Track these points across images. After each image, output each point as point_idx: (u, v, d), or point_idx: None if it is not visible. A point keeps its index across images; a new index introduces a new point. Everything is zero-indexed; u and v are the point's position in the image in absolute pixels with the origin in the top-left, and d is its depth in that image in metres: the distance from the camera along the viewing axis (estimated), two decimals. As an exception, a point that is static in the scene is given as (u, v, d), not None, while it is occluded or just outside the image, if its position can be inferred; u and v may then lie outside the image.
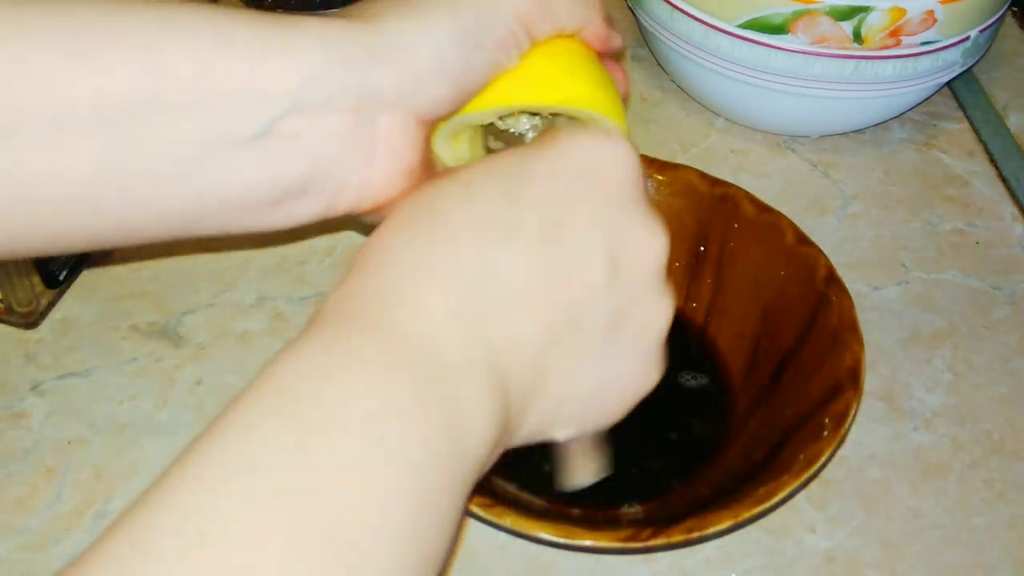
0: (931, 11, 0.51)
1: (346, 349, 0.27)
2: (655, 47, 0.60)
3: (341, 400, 0.25)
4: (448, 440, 0.26)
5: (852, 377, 0.40)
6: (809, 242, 0.45)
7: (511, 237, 0.30)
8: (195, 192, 0.32)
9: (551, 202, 0.30)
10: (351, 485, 0.24)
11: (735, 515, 0.36)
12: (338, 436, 0.25)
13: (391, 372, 0.26)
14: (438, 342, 0.27)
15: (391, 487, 0.25)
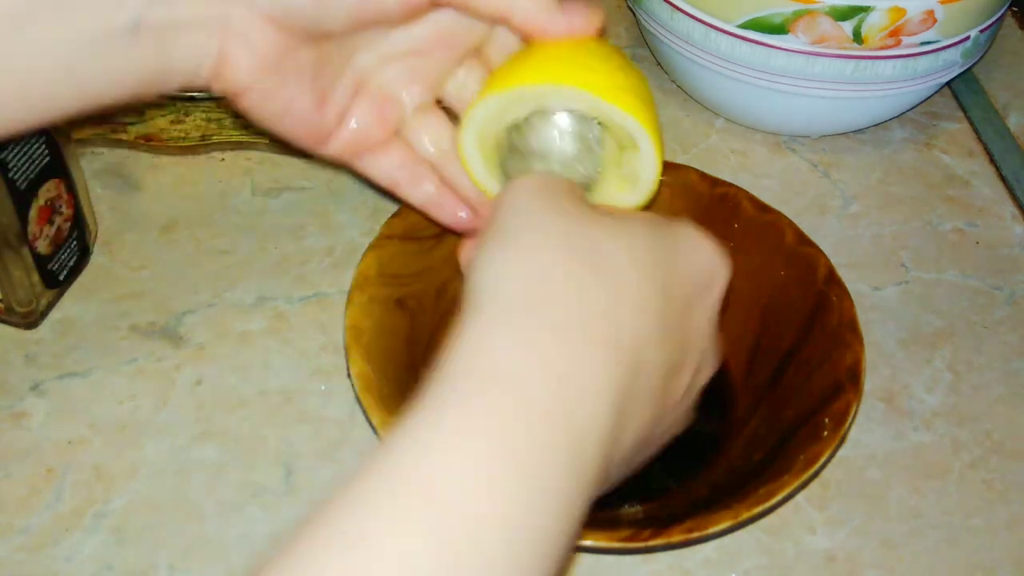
0: (931, 11, 0.51)
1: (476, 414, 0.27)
2: (655, 47, 0.60)
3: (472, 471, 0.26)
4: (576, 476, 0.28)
5: (852, 377, 0.40)
6: (809, 242, 0.45)
7: (660, 335, 0.32)
8: (81, 84, 0.35)
9: (683, 300, 0.33)
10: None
11: (735, 515, 0.36)
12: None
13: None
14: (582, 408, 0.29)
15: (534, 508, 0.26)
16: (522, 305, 0.30)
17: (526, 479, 0.27)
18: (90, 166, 0.54)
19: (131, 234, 0.51)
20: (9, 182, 0.43)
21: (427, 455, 0.26)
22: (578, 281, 0.31)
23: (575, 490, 0.28)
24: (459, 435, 0.27)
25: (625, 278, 0.32)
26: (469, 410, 0.27)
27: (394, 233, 0.45)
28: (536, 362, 0.28)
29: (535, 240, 0.32)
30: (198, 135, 0.55)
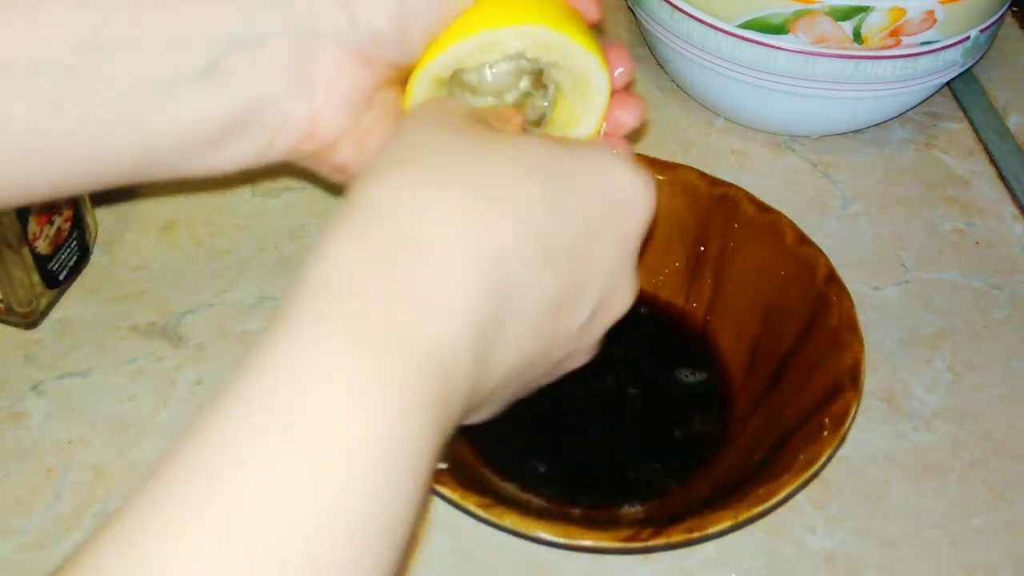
0: (931, 11, 0.51)
1: (343, 337, 0.26)
2: (655, 47, 0.60)
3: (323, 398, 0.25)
4: (440, 405, 0.27)
5: (852, 377, 0.40)
6: (809, 242, 0.45)
7: (544, 257, 0.30)
8: (143, 131, 0.33)
9: (584, 223, 0.31)
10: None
11: (735, 515, 0.36)
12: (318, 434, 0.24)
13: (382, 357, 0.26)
14: (446, 327, 0.27)
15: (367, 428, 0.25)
16: (386, 217, 0.28)
17: (385, 393, 0.25)
18: (90, 166, 0.54)
19: (131, 234, 0.51)
20: (9, 182, 0.43)
21: (286, 374, 0.25)
22: (447, 194, 0.29)
23: (436, 411, 0.26)
24: (312, 353, 0.25)
25: (504, 195, 0.30)
26: (318, 325, 0.26)
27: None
28: (383, 273, 0.27)
29: (415, 155, 0.30)
30: (198, 135, 0.55)
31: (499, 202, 0.29)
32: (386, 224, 0.28)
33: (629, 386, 0.45)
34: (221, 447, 0.24)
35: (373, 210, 0.28)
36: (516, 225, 0.29)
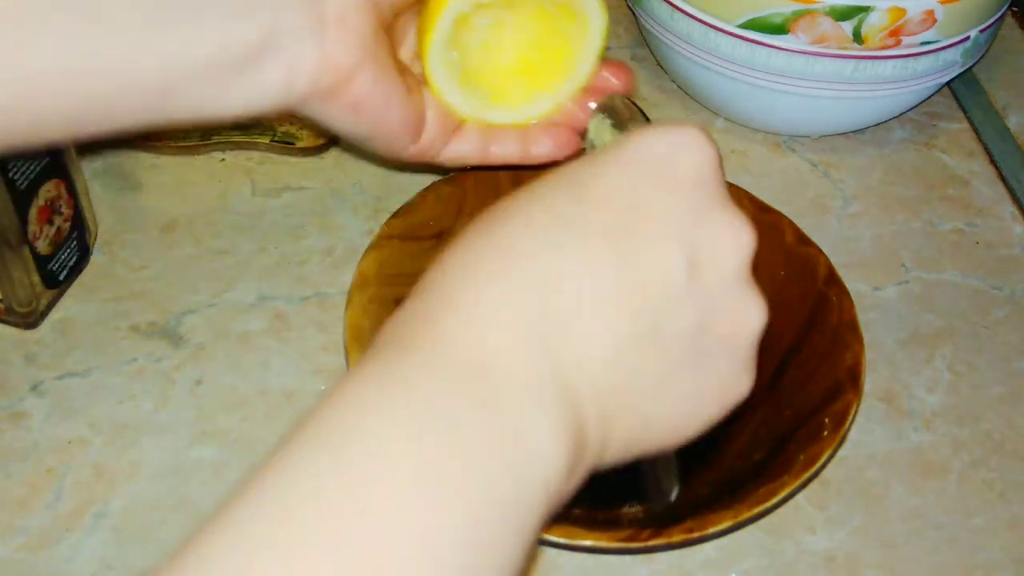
0: (931, 11, 0.51)
1: (398, 378, 0.25)
2: (655, 47, 0.60)
3: (387, 437, 0.24)
4: (510, 472, 0.25)
5: (852, 377, 0.40)
6: (809, 242, 0.45)
7: (577, 239, 0.28)
8: (165, 57, 0.34)
9: (620, 200, 0.29)
10: (395, 532, 0.23)
11: (735, 515, 0.36)
12: (384, 481, 0.23)
13: (444, 402, 0.25)
14: (499, 361, 0.26)
15: (442, 530, 0.23)
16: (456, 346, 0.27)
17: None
18: (90, 166, 0.54)
19: (131, 234, 0.51)
20: (9, 182, 0.43)
21: (333, 473, 0.23)
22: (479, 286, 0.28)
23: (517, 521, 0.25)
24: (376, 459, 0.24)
25: (513, 227, 0.28)
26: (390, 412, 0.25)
27: (394, 233, 0.45)
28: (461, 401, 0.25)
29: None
30: (198, 135, 0.55)
31: (514, 221, 0.29)
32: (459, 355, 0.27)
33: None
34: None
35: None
36: (532, 229, 0.28)
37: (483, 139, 0.45)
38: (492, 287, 0.27)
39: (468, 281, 0.27)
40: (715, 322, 0.30)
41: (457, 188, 0.47)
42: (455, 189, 0.47)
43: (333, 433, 0.24)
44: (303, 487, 0.23)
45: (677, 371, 0.29)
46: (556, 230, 0.28)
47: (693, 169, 0.30)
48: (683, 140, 0.30)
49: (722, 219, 0.30)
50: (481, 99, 0.44)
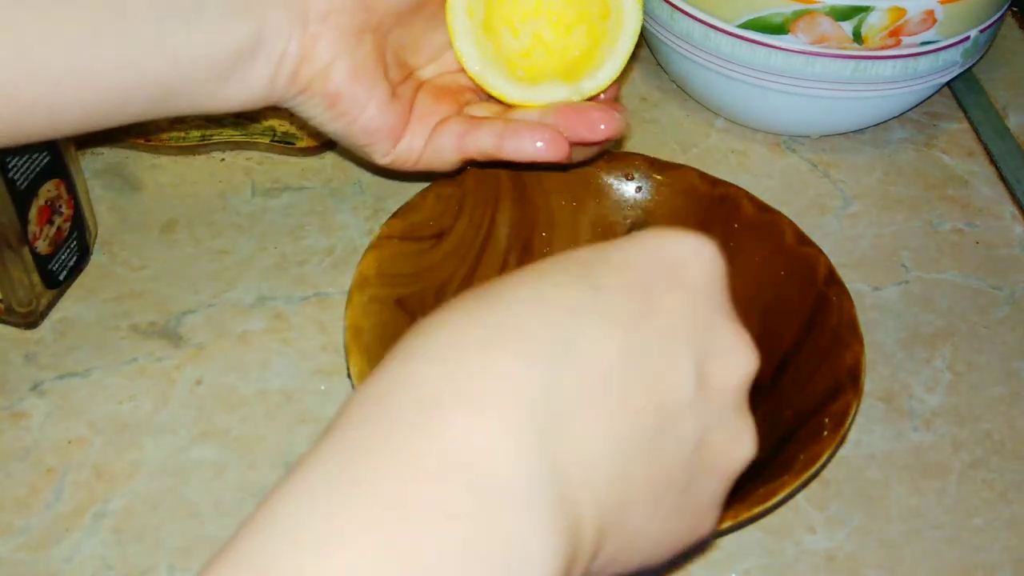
0: (931, 11, 0.51)
1: (360, 473, 0.22)
2: (655, 47, 0.60)
3: (344, 551, 0.21)
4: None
5: (852, 377, 0.40)
6: (809, 242, 0.45)
7: (590, 320, 0.25)
8: (170, 58, 0.36)
9: (636, 295, 0.26)
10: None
11: (735, 515, 0.36)
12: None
13: (415, 510, 0.21)
14: (490, 458, 0.22)
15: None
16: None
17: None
18: (90, 166, 0.54)
19: (131, 234, 0.51)
20: (9, 182, 0.43)
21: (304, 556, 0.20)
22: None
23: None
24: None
25: (521, 301, 0.25)
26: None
27: (394, 233, 0.45)
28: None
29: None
30: (198, 135, 0.55)
31: (521, 294, 0.26)
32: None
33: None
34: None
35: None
36: (542, 305, 0.25)
37: (461, 131, 0.44)
38: (490, 366, 0.24)
39: (463, 356, 0.24)
40: (711, 441, 0.27)
41: (457, 188, 0.47)
42: (455, 189, 0.47)
43: (278, 541, 0.21)
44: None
45: (670, 488, 0.27)
46: (569, 311, 0.25)
47: (705, 277, 0.28)
48: (696, 247, 0.28)
49: (731, 333, 0.28)
50: (494, 62, 0.44)
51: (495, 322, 0.25)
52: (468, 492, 0.22)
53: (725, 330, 0.28)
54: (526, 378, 0.23)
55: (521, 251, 0.48)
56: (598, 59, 0.44)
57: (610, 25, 0.44)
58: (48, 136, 0.38)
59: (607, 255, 0.27)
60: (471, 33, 0.43)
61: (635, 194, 0.48)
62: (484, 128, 0.44)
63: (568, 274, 0.26)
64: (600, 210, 0.49)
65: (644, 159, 0.48)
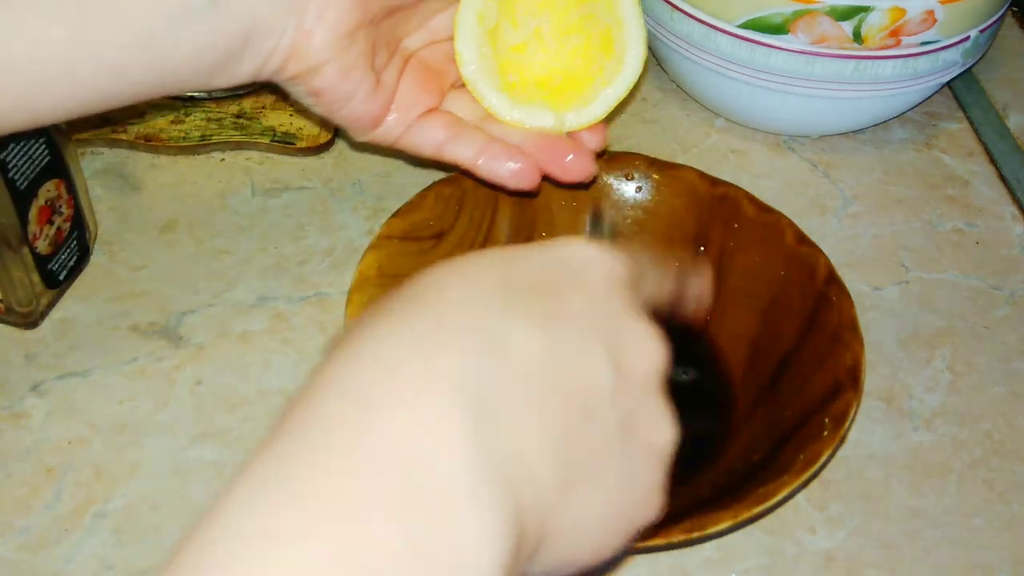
0: (931, 11, 0.51)
1: (298, 474, 0.22)
2: (655, 47, 0.60)
3: (283, 552, 0.20)
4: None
5: (852, 377, 0.40)
6: (809, 242, 0.45)
7: (515, 316, 0.26)
8: (158, 58, 0.36)
9: (548, 294, 0.28)
10: None
11: (735, 515, 0.36)
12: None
13: (355, 505, 0.21)
14: (427, 450, 0.22)
15: None
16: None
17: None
18: (90, 166, 0.54)
19: (131, 234, 0.51)
20: (9, 182, 0.43)
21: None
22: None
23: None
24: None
25: (447, 298, 0.26)
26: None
27: (394, 233, 0.45)
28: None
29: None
30: (198, 135, 0.55)
31: (448, 293, 0.27)
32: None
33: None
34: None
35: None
36: (468, 302, 0.26)
37: (444, 135, 0.44)
38: (420, 362, 0.24)
39: (395, 354, 0.24)
40: (636, 426, 0.28)
41: (457, 188, 0.47)
42: (455, 189, 0.47)
43: (219, 546, 0.21)
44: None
45: (606, 472, 0.27)
46: (496, 311, 0.26)
47: (604, 281, 0.30)
48: (595, 255, 0.30)
49: (637, 329, 0.29)
50: (488, 70, 0.44)
51: (428, 322, 0.25)
52: (407, 487, 0.22)
53: (631, 326, 0.29)
54: (461, 374, 0.24)
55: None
56: (589, 95, 0.44)
57: (610, 65, 0.44)
58: (41, 123, 0.38)
59: (521, 256, 0.29)
60: (475, 37, 0.43)
61: (635, 194, 0.48)
62: (465, 138, 0.44)
63: (489, 278, 0.27)
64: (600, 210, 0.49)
65: (644, 159, 0.48)
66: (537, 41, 0.44)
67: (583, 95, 0.44)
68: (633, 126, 0.59)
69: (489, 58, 0.44)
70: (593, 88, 0.44)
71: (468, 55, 0.43)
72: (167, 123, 0.55)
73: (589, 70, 0.44)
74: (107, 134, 0.55)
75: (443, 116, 0.45)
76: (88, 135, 0.55)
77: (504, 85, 0.44)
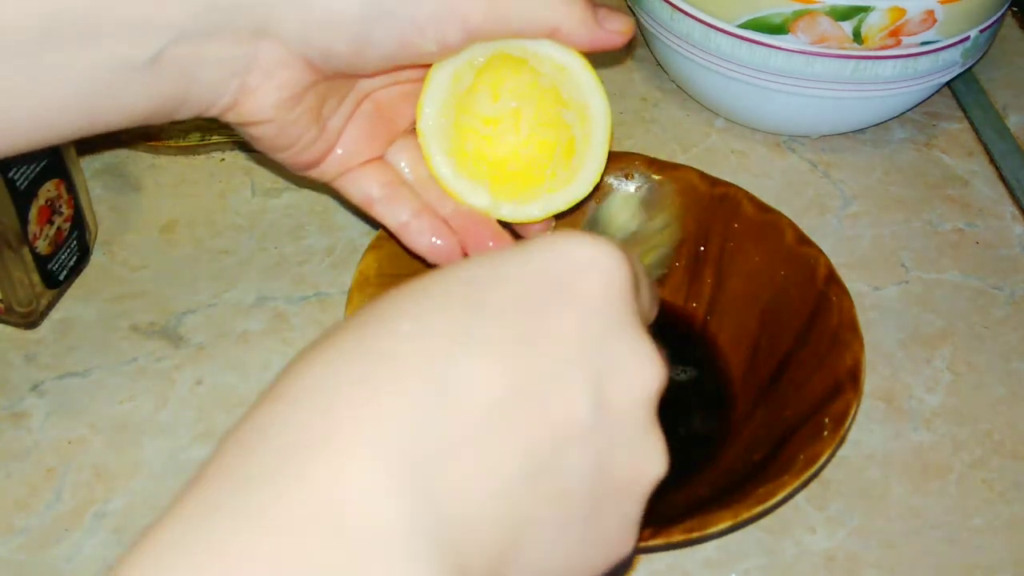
0: (931, 11, 0.51)
1: (219, 531, 0.21)
2: (655, 47, 0.60)
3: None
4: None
5: (852, 377, 0.40)
6: (809, 242, 0.45)
7: (472, 350, 0.24)
8: (92, 112, 0.34)
9: (523, 312, 0.25)
10: None
11: (735, 515, 0.36)
12: None
13: (276, 566, 0.20)
14: (361, 505, 0.21)
15: None
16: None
17: None
18: (90, 166, 0.54)
19: (131, 234, 0.51)
20: (9, 182, 0.43)
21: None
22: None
23: None
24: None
25: (397, 333, 0.24)
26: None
27: (394, 233, 0.45)
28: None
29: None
30: (198, 135, 0.55)
31: (399, 325, 0.24)
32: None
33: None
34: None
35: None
36: (419, 336, 0.24)
37: (378, 193, 0.42)
38: (360, 408, 0.22)
39: (334, 397, 0.22)
40: (614, 465, 0.26)
41: (457, 188, 0.47)
42: (455, 189, 0.47)
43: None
44: None
45: (572, 519, 0.25)
46: (450, 341, 0.24)
47: (602, 288, 0.26)
48: (593, 255, 0.26)
49: (633, 348, 0.26)
50: (446, 137, 0.42)
51: (369, 359, 0.23)
52: (337, 542, 0.20)
53: (625, 345, 0.26)
54: (398, 420, 0.22)
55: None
56: (533, 194, 0.42)
57: (564, 174, 0.42)
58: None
59: (496, 267, 0.26)
60: (444, 95, 0.41)
61: (635, 194, 0.48)
62: (397, 202, 0.42)
63: (452, 295, 0.25)
64: (600, 210, 0.49)
65: (644, 159, 0.48)
66: (513, 122, 0.42)
67: (527, 191, 0.43)
68: (633, 126, 0.59)
69: (450, 120, 0.41)
70: (539, 189, 0.42)
71: (429, 111, 0.41)
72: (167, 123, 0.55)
73: (544, 170, 0.43)
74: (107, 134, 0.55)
75: (382, 172, 0.43)
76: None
77: (454, 151, 0.42)
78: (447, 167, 0.42)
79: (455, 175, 0.42)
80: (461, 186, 0.42)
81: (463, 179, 0.42)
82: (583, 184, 0.42)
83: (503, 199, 0.43)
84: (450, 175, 0.42)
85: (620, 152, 0.49)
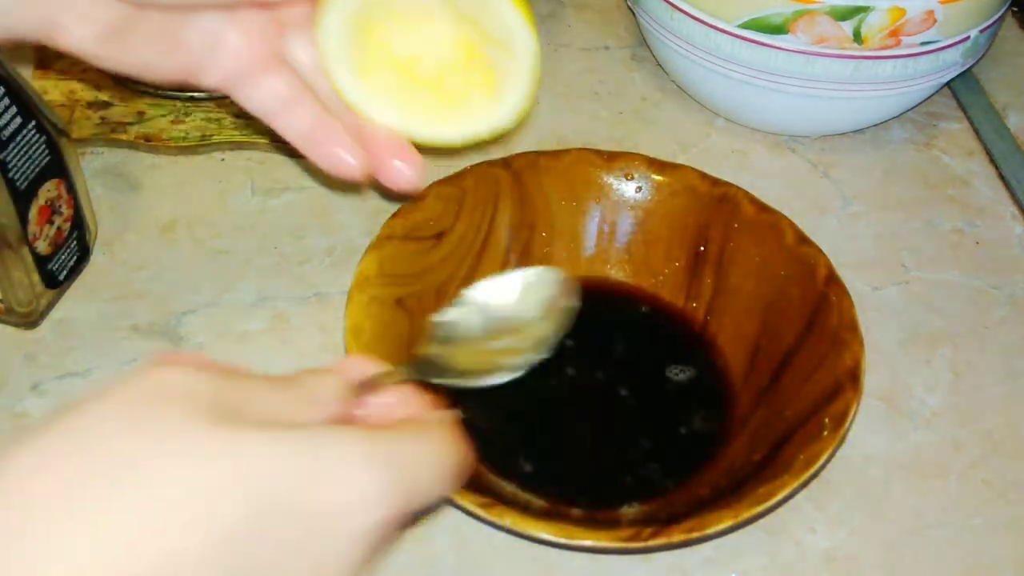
0: (931, 11, 0.51)
1: None
2: (655, 47, 0.60)
3: None
4: None
5: (852, 377, 0.40)
6: (809, 242, 0.45)
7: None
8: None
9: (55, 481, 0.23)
10: None
11: (735, 515, 0.36)
12: None
13: None
14: None
15: None
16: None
17: None
18: (90, 166, 0.54)
19: (131, 234, 0.51)
20: (9, 182, 0.43)
21: None
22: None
23: None
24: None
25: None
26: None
27: (394, 233, 0.45)
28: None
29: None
30: (198, 135, 0.55)
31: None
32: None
33: (629, 386, 0.45)
34: None
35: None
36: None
37: (272, 106, 0.39)
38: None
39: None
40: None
41: (457, 188, 0.47)
42: (455, 189, 0.47)
43: None
44: None
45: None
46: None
47: (351, 543, 0.25)
48: (365, 496, 0.26)
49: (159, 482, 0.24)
50: (350, 43, 0.37)
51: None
52: None
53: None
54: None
55: (521, 251, 0.48)
56: (448, 114, 0.38)
57: (485, 98, 0.38)
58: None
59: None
60: (343, 56, 0.37)
61: (635, 194, 0.48)
62: (303, 109, 0.39)
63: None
64: (600, 210, 0.49)
65: (644, 159, 0.48)
66: (426, 13, 0.37)
67: (442, 109, 0.38)
68: (633, 126, 0.59)
69: (356, 35, 0.37)
70: (456, 109, 0.38)
71: (331, 17, 0.37)
72: (167, 123, 0.55)
73: (462, 83, 0.38)
74: (107, 134, 0.55)
75: (281, 79, 0.39)
76: (88, 135, 0.55)
77: (358, 58, 0.37)
78: (348, 75, 0.38)
79: (357, 84, 0.38)
80: (365, 98, 0.38)
81: (367, 91, 0.38)
82: (507, 110, 0.37)
83: (414, 115, 0.38)
84: (351, 85, 0.38)
85: (620, 152, 0.49)
